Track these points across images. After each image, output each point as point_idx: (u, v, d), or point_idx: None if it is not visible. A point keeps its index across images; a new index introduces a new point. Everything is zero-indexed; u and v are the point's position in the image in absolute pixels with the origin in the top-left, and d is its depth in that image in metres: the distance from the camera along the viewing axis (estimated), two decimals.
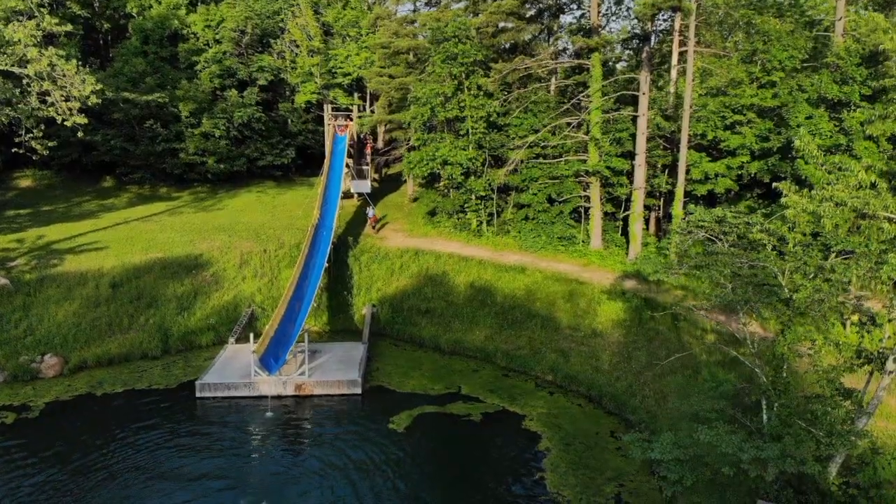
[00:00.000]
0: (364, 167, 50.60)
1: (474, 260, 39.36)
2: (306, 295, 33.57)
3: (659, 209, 41.00)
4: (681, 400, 21.15)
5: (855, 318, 21.01)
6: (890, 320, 15.93)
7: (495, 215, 43.32)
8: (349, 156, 49.57)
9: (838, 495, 17.34)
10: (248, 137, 54.54)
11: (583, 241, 40.23)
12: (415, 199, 51.41)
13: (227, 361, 30.74)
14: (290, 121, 57.27)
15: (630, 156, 37.85)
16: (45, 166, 53.46)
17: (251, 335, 29.92)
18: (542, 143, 38.89)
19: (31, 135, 38.69)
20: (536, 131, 38.87)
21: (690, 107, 35.10)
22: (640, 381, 28.54)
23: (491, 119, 40.15)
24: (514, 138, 39.55)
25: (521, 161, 40.46)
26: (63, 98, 35.91)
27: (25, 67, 34.48)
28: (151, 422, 26.13)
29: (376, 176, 57.65)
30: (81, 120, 36.89)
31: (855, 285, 16.77)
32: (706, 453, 15.85)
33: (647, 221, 41.92)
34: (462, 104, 39.40)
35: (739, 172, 35.13)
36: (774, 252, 18.69)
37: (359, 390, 28.88)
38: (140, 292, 35.40)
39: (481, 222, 43.20)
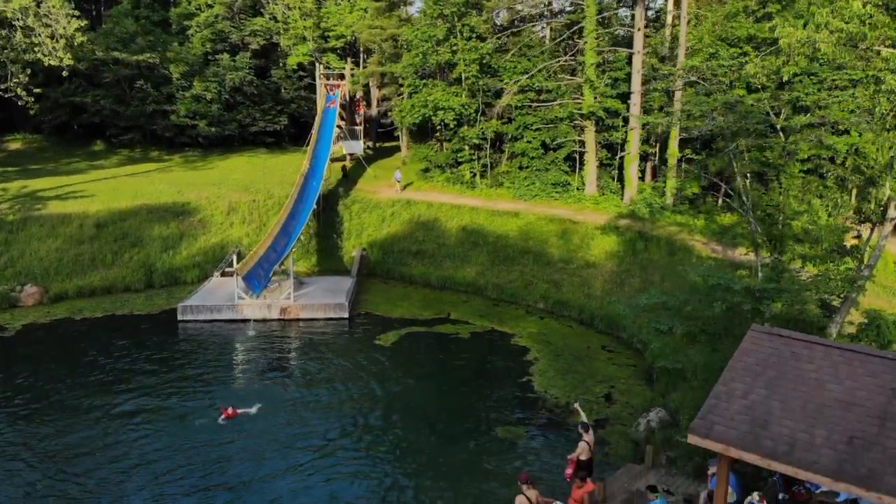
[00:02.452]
0: (356, 128, 50.03)
1: (467, 207, 38.70)
2: (294, 232, 32.94)
3: (655, 157, 40.35)
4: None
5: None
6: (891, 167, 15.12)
7: (489, 167, 42.69)
8: (341, 118, 49.04)
9: None
10: (241, 103, 53.99)
11: (577, 189, 39.60)
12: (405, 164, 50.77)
13: (211, 290, 30.05)
14: (282, 88, 56.73)
15: (625, 97, 37.26)
16: (35, 130, 52.96)
17: (236, 269, 29.15)
18: (537, 87, 38.31)
19: (17, 80, 38.15)
20: (531, 75, 38.30)
21: (686, 42, 34.56)
22: (633, 303, 27.75)
23: (484, 62, 39.60)
24: (507, 83, 38.96)
25: (516, 108, 39.86)
26: (49, 36, 35.39)
27: (10, 1, 34.01)
28: (130, 340, 25.36)
29: (370, 143, 57.05)
30: (68, 60, 36.36)
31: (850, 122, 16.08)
32: (697, 298, 15.15)
33: (642, 173, 41.25)
34: (454, 48, 38.88)
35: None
36: (769, 93, 17.93)
37: (346, 314, 28.14)
38: (125, 233, 34.70)
39: (475, 174, 42.57)
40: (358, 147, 49.16)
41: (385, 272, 34.88)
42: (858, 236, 16.60)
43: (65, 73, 38.72)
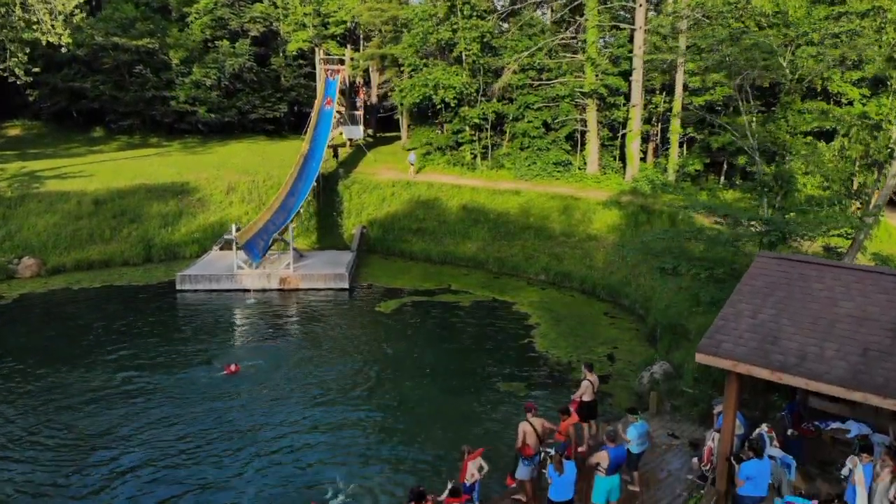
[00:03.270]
0: (356, 113, 49.77)
1: (467, 187, 38.47)
2: (293, 207, 32.68)
3: (657, 136, 40.14)
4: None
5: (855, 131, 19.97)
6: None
7: (490, 149, 42.46)
8: (340, 104, 48.79)
9: None
10: (240, 90, 53.79)
11: (579, 168, 39.35)
12: (410, 150, 50.45)
13: (210, 262, 29.82)
14: (282, 76, 56.54)
15: (627, 75, 37.06)
16: (34, 117, 52.71)
17: (235, 236, 28.88)
18: (538, 66, 38.09)
19: (16, 59, 37.93)
20: (531, 53, 38.09)
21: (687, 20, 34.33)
22: (635, 273, 27.54)
23: (485, 41, 39.39)
24: (508, 62, 38.75)
25: (517, 87, 39.64)
26: (47, 13, 35.19)
27: None
28: (127, 307, 25.11)
29: (370, 131, 56.79)
30: (67, 38, 36.16)
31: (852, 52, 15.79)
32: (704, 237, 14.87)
33: (644, 154, 41.01)
34: (455, 26, 38.67)
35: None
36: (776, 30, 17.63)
37: (346, 284, 27.87)
38: (123, 210, 34.47)
39: (475, 156, 42.34)
40: (358, 132, 48.91)
41: (385, 249, 34.62)
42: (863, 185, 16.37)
43: (64, 51, 38.44)
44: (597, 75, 36.98)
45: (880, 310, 10.51)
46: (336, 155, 44.73)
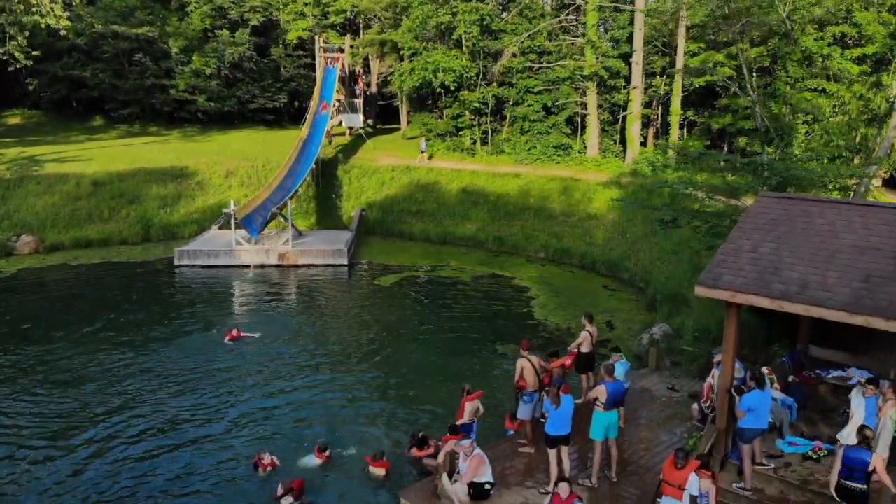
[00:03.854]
0: (355, 101, 49.67)
1: (467, 171, 38.37)
2: (292, 186, 32.58)
3: (657, 119, 40.04)
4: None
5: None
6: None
7: (490, 134, 42.36)
8: (339, 92, 48.69)
9: None
10: (240, 80, 53.79)
11: (579, 152, 39.24)
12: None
13: (208, 239, 29.74)
14: (282, 67, 56.52)
15: (627, 57, 36.97)
16: (33, 106, 52.68)
17: (233, 210, 28.79)
18: (538, 49, 38.02)
19: (15, 42, 37.91)
20: (532, 36, 38.02)
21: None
22: (635, 248, 27.43)
23: (485, 23, 39.31)
24: (508, 45, 38.67)
25: (517, 71, 39.55)
26: None
27: None
28: (125, 280, 25.01)
29: (370, 122, 56.70)
30: (65, 21, 36.13)
31: None
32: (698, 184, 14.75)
33: (644, 139, 40.88)
34: (454, 10, 38.59)
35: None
36: None
37: (345, 261, 27.75)
38: (122, 191, 34.37)
39: (475, 141, 42.23)
40: (357, 120, 48.74)
41: (384, 230, 34.51)
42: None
43: (63, 33, 38.41)
44: (597, 58, 36.88)
45: (883, 239, 10.37)
46: (330, 142, 44.50)
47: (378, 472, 12.39)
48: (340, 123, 48.08)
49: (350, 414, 14.78)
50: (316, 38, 52.07)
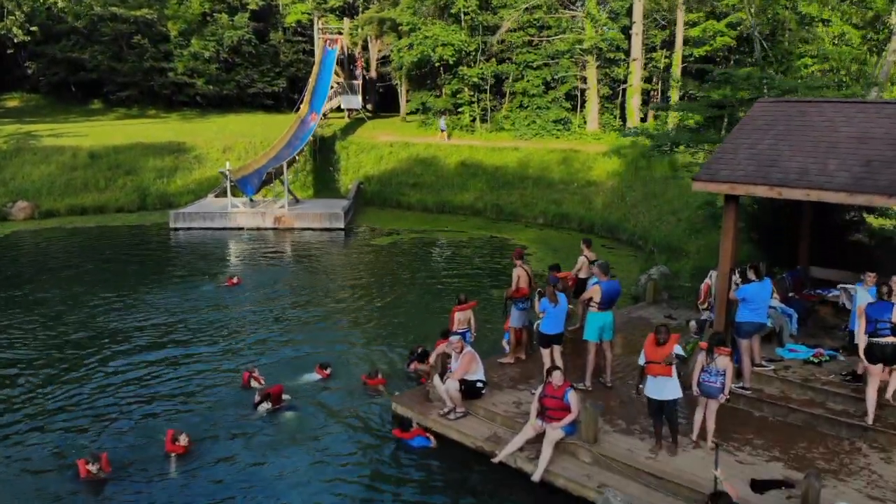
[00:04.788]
0: (355, 82, 49.56)
1: (465, 145, 38.18)
2: (288, 154, 32.46)
3: (657, 94, 39.85)
4: None
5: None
6: None
7: (489, 111, 42.18)
8: (337, 74, 48.57)
9: None
10: (239, 64, 53.71)
11: (578, 126, 39.05)
12: (409, 114, 50.06)
13: (205, 204, 29.54)
14: (281, 52, 56.44)
15: (626, 30, 36.82)
16: (32, 89, 52.60)
17: (228, 170, 28.58)
18: (538, 23, 37.87)
19: (13, 17, 37.84)
20: (530, 10, 37.89)
21: None
22: (635, 211, 27.23)
23: None
24: (507, 19, 38.52)
25: (517, 48, 39.40)
26: None
27: None
28: (120, 242, 24.82)
29: (369, 108, 56.58)
30: (63, 1, 36.04)
31: None
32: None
33: (644, 116, 40.66)
34: None
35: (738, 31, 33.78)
36: None
37: (341, 224, 27.51)
38: (119, 163, 34.18)
39: (474, 118, 42.05)
40: (356, 102, 48.65)
41: (382, 201, 34.23)
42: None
43: (60, 5, 38.28)
44: (596, 30, 36.71)
45: (884, 130, 10.14)
46: (325, 116, 44.17)
47: (374, 389, 12.21)
48: (339, 107, 47.95)
49: (346, 342, 14.70)
50: (315, 20, 51.98)
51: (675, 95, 35.58)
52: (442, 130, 40.03)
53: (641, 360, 9.08)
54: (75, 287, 18.61)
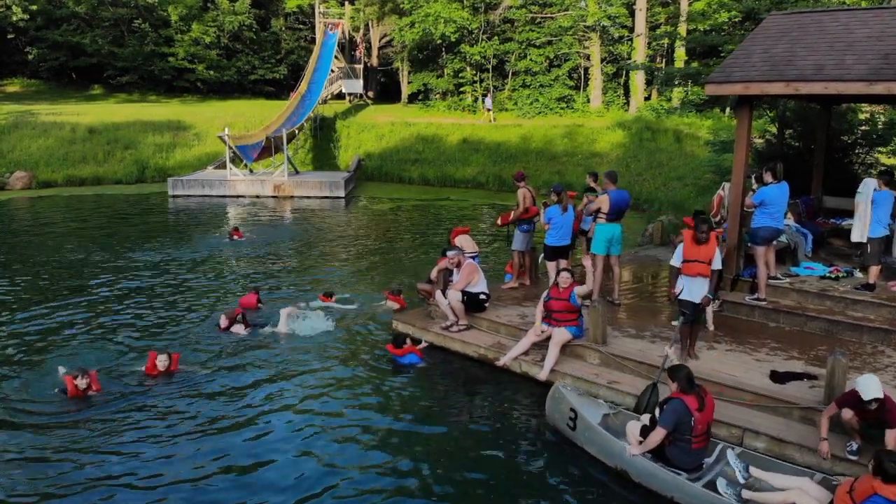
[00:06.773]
0: (355, 66, 49.28)
1: (468, 124, 37.82)
2: (289, 126, 32.15)
3: (661, 72, 39.39)
4: None
5: None
6: None
7: (492, 91, 41.81)
8: (337, 59, 48.31)
9: None
10: (240, 51, 53.47)
11: (582, 104, 38.68)
12: (411, 95, 49.76)
13: (204, 175, 29.18)
14: (282, 39, 56.21)
15: (629, 6, 36.47)
16: (32, 75, 52.35)
17: (227, 135, 28.24)
18: (541, 1, 37.59)
19: None
20: None
21: None
22: (641, 179, 26.85)
23: None
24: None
25: (520, 26, 39.08)
26: None
27: None
28: (117, 208, 24.44)
29: (370, 94, 56.33)
30: None
31: None
32: None
33: (648, 96, 40.28)
34: None
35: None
36: None
37: (342, 193, 27.16)
38: (118, 138, 33.86)
39: (476, 98, 41.69)
40: (357, 86, 48.38)
41: (382, 176, 33.84)
42: None
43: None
44: (600, 6, 36.37)
45: None
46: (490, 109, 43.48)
47: (392, 305, 11.86)
48: (341, 93, 47.64)
49: (349, 281, 14.33)
50: (316, 5, 51.75)
51: (679, 56, 35.12)
52: (488, 110, 38.76)
53: (676, 261, 8.53)
54: (71, 243, 18.22)
